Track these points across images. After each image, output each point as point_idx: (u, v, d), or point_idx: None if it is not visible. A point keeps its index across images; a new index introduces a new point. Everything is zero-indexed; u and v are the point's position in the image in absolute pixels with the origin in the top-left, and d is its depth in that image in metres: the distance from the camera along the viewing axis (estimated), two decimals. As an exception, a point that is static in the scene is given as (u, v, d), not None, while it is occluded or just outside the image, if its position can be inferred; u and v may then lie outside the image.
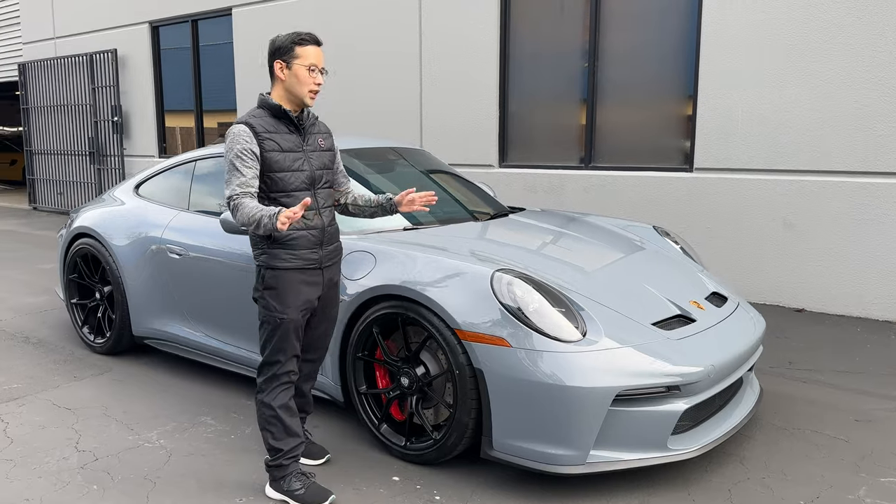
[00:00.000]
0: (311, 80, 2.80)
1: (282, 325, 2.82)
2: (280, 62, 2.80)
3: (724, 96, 5.91)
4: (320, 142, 2.96)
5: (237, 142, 2.73)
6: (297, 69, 2.78)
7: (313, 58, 2.80)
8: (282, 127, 2.84)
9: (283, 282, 2.81)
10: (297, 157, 2.85)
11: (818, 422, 3.63)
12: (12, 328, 5.44)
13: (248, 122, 2.77)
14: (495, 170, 7.31)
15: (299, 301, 2.84)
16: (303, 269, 2.84)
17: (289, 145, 2.83)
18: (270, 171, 2.78)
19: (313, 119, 2.97)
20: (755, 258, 5.92)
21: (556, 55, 6.92)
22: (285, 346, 2.84)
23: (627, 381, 2.81)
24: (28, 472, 3.19)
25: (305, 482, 2.89)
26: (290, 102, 2.84)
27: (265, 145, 2.76)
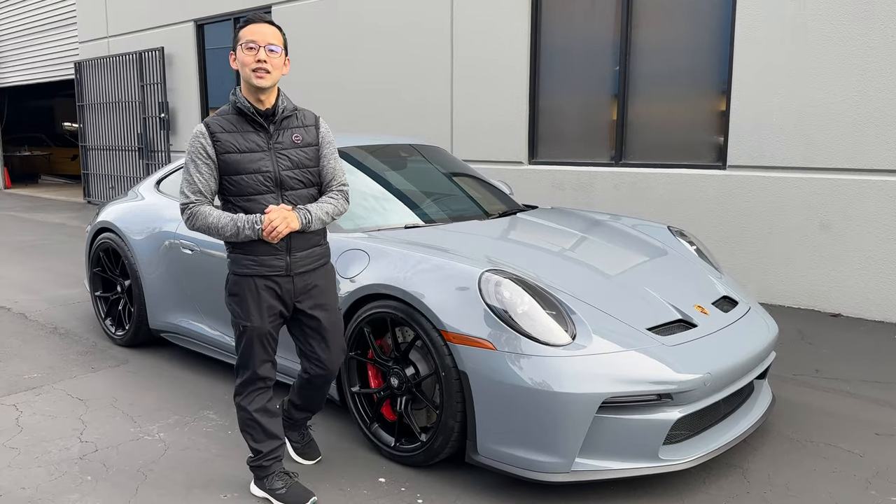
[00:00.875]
0: (252, 59, 2.59)
1: (245, 332, 2.74)
2: (232, 53, 2.70)
3: (759, 91, 5.68)
4: (295, 137, 2.75)
5: (192, 144, 2.66)
6: (239, 53, 2.64)
7: (251, 34, 2.62)
8: (245, 125, 2.68)
9: (243, 289, 2.71)
10: (259, 158, 2.67)
11: (834, 434, 3.45)
12: (44, 319, 5.61)
13: (205, 122, 2.68)
14: (525, 166, 7.20)
15: (262, 309, 2.72)
16: (266, 276, 2.71)
17: (248, 145, 2.67)
18: (226, 174, 2.66)
19: (289, 111, 2.76)
20: (789, 260, 5.68)
21: (588, 50, 6.77)
22: (252, 353, 2.77)
23: (614, 387, 2.71)
24: (29, 461, 3.27)
25: (287, 482, 2.87)
26: (252, 94, 2.67)
27: (219, 146, 2.64)
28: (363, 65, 8.51)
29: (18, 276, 7.17)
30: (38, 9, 14.87)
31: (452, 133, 7.73)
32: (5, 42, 16.26)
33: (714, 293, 3.49)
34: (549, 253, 3.53)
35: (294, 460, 3.19)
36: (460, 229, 3.77)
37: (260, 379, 2.83)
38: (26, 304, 6.03)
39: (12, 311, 5.85)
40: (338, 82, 8.87)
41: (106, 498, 2.94)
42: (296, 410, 3.12)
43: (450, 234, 3.67)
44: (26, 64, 15.67)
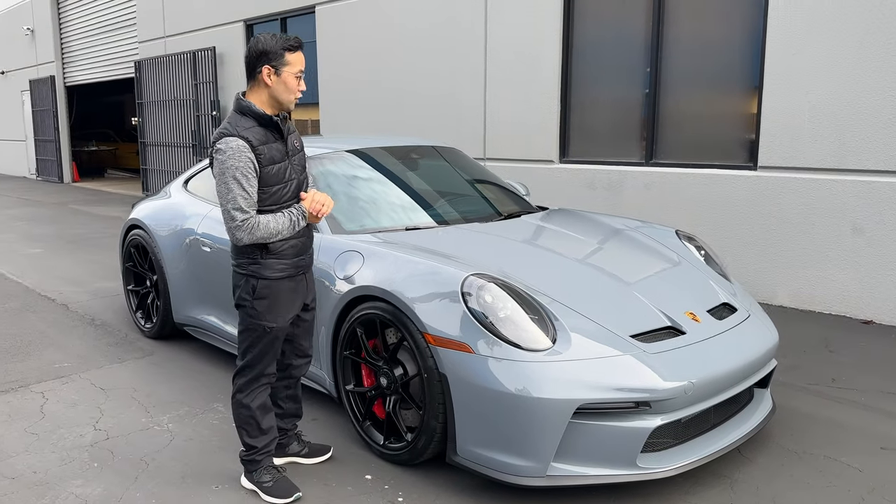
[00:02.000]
0: (298, 88, 2.73)
1: (270, 333, 2.85)
2: (269, 67, 2.67)
3: (791, 90, 5.52)
4: (296, 143, 2.90)
5: (238, 158, 2.63)
6: (286, 77, 2.68)
7: (301, 64, 2.72)
8: (269, 136, 2.74)
9: (275, 291, 2.82)
10: (286, 167, 2.78)
11: (836, 447, 3.36)
12: (83, 310, 5.89)
13: (243, 136, 2.66)
14: (555, 165, 7.17)
15: (290, 309, 2.89)
16: (292, 276, 2.87)
17: (278, 156, 2.76)
18: (266, 185, 2.72)
19: (288, 121, 2.88)
20: (820, 264, 5.51)
21: (619, 48, 6.69)
22: (269, 353, 2.90)
23: (589, 394, 2.71)
24: (45, 446, 3.47)
25: (275, 476, 2.98)
26: (272, 108, 2.75)
27: (262, 159, 2.69)
28: (399, 63, 8.60)
29: (68, 268, 7.53)
30: (102, 10, 15.49)
31: (485, 132, 7.75)
32: (73, 42, 17.01)
33: (712, 300, 3.43)
34: (542, 256, 3.54)
35: (312, 464, 3.25)
36: (460, 232, 3.81)
37: (265, 375, 2.97)
38: (70, 296, 6.34)
39: (56, 301, 6.16)
40: (375, 80, 8.98)
41: (107, 485, 3.10)
42: (283, 419, 3.21)
43: (448, 236, 3.72)
44: (91, 63, 16.36)
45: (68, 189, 16.53)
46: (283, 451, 3.25)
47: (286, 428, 3.24)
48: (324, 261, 3.53)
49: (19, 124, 19.96)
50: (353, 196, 4.03)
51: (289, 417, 3.24)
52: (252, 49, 2.73)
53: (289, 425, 3.25)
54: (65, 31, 17.35)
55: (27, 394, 4.14)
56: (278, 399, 3.18)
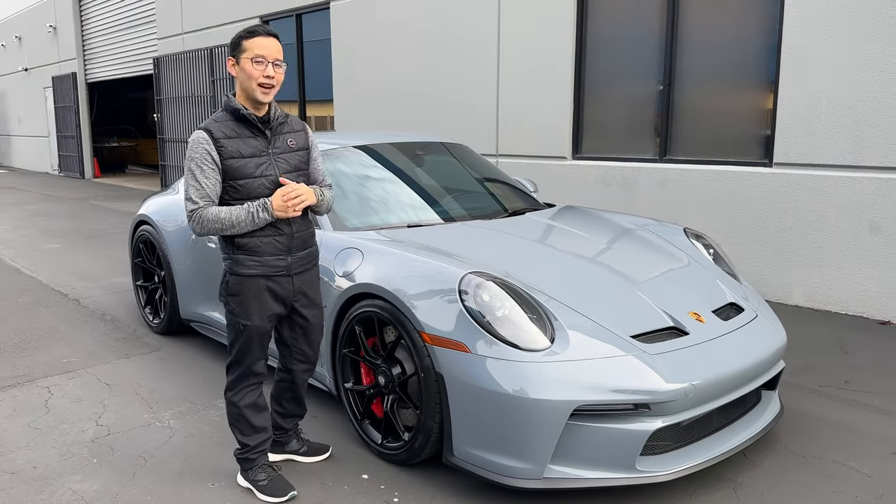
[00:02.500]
0: (259, 73, 2.65)
1: (245, 331, 2.82)
2: (231, 59, 2.72)
3: (807, 84, 5.40)
4: (290, 142, 2.86)
5: (195, 150, 2.66)
6: (244, 63, 2.67)
7: (258, 48, 2.65)
8: (244, 131, 2.74)
9: (246, 289, 2.78)
10: (262, 162, 2.75)
11: (846, 451, 3.27)
12: (95, 304, 5.92)
13: (207, 128, 2.70)
14: (568, 162, 7.09)
15: (263, 309, 2.81)
16: (269, 276, 2.80)
17: (251, 150, 2.74)
18: (232, 179, 2.71)
19: (282, 118, 2.85)
20: (837, 264, 5.39)
21: (633, 42, 6.59)
22: (249, 352, 2.86)
23: (586, 395, 2.66)
24: (47, 441, 3.48)
25: (270, 474, 2.96)
26: (251, 102, 2.74)
27: (224, 152, 2.68)
28: (412, 59, 8.56)
29: (83, 263, 7.59)
30: (122, 7, 15.62)
31: (497, 128, 7.68)
32: (94, 39, 17.17)
33: (719, 300, 3.36)
34: (544, 254, 3.48)
35: (310, 463, 3.22)
36: (463, 229, 3.77)
37: (254, 375, 2.93)
38: (83, 291, 6.38)
39: (69, 296, 6.20)
40: (388, 76, 8.95)
41: (104, 481, 3.10)
42: (284, 419, 3.18)
43: (450, 234, 3.67)
44: (112, 60, 16.51)
45: (89, 185, 16.71)
46: (281, 448, 3.23)
47: (286, 427, 3.21)
48: (325, 257, 3.49)
49: (42, 121, 20.22)
50: (357, 192, 4.00)
51: (290, 417, 3.21)
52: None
53: (289, 424, 3.22)
54: (86, 28, 17.52)
55: (33, 388, 4.16)
56: (282, 399, 3.15)
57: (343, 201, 3.86)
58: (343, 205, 3.83)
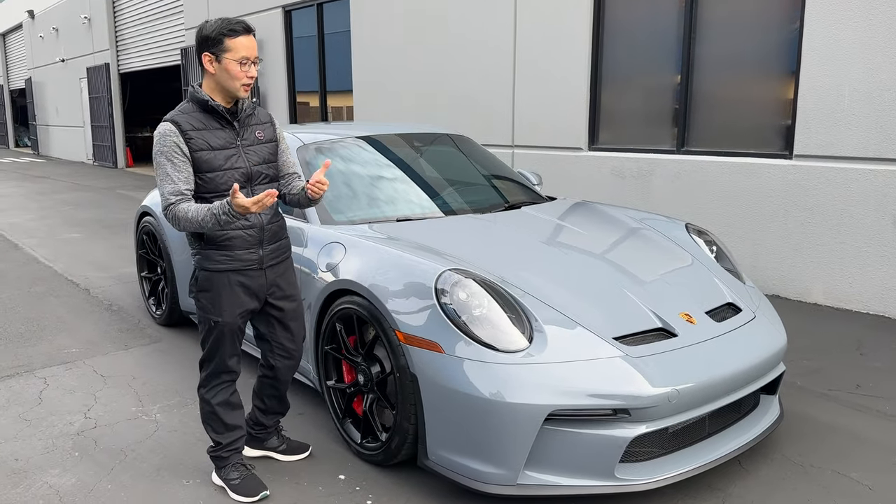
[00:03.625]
0: (244, 74, 2.60)
1: (216, 328, 2.76)
2: (208, 55, 2.60)
3: (829, 73, 5.16)
4: (258, 134, 2.79)
5: (164, 143, 2.59)
6: (227, 63, 2.58)
7: (244, 50, 2.59)
8: (212, 122, 2.67)
9: (216, 284, 2.72)
10: (231, 154, 2.69)
11: (847, 461, 3.10)
12: (103, 294, 5.96)
13: (174, 120, 2.62)
14: (584, 153, 6.92)
15: (234, 305, 2.74)
16: (240, 270, 2.73)
17: (220, 142, 2.67)
18: (200, 172, 2.64)
19: (250, 109, 2.78)
20: (859, 260, 5.16)
21: (652, 31, 6.39)
22: (220, 348, 2.80)
23: (561, 400, 2.55)
24: (34, 433, 3.49)
25: (243, 473, 2.91)
26: (221, 94, 2.67)
27: (193, 144, 2.61)
28: (430, 49, 8.44)
29: (100, 253, 7.66)
30: (152, -2, 15.78)
31: (514, 118, 7.54)
32: (126, 30, 17.38)
33: (715, 300, 3.20)
34: (532, 250, 3.35)
35: (288, 461, 3.17)
36: (452, 223, 3.66)
37: (226, 372, 2.88)
38: (94, 281, 6.43)
39: (80, 286, 6.25)
40: (406, 66, 8.85)
41: (81, 475, 3.08)
42: (265, 415, 3.13)
43: (438, 228, 3.57)
44: (143, 50, 16.69)
45: (120, 174, 16.95)
46: (260, 444, 3.18)
47: (266, 424, 3.16)
48: (311, 251, 3.44)
49: (78, 111, 20.56)
50: (348, 185, 3.91)
51: (271, 414, 3.15)
52: (196, 37, 2.66)
53: (270, 421, 3.16)
54: (119, 20, 17.74)
55: (30, 379, 4.18)
56: (263, 395, 3.09)
57: (332, 195, 3.78)
58: (332, 198, 3.76)
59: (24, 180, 15.82)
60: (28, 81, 24.81)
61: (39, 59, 23.34)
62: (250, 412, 3.17)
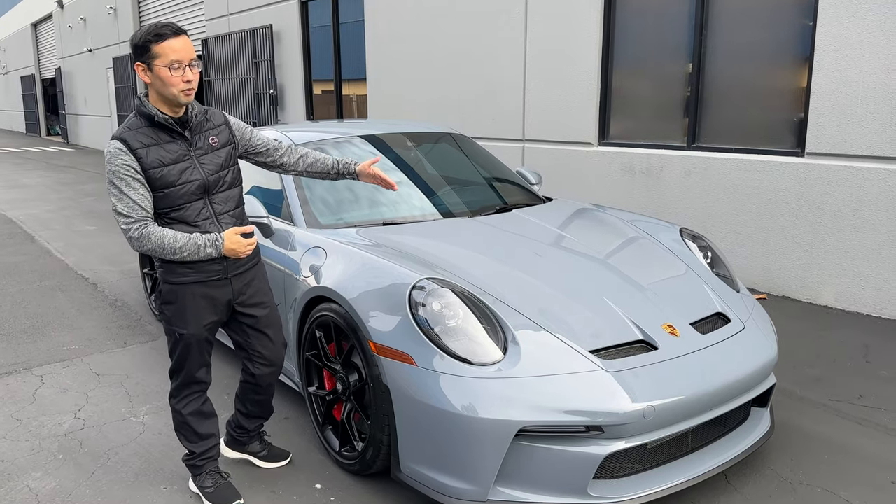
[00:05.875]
0: (179, 79, 2.46)
1: (182, 340, 2.71)
2: (140, 64, 2.47)
3: (843, 68, 4.98)
4: (211, 140, 2.66)
5: (114, 162, 2.48)
6: (158, 70, 2.45)
7: (174, 53, 2.44)
8: (162, 136, 2.55)
9: (180, 297, 2.66)
10: (186, 167, 2.57)
11: (840, 478, 2.99)
12: (110, 290, 6.01)
13: (122, 138, 2.50)
14: (593, 148, 6.80)
15: (199, 318, 2.69)
16: (203, 281, 2.66)
17: (172, 156, 2.55)
18: (154, 189, 2.54)
19: (201, 115, 2.65)
20: (872, 262, 5.00)
21: (663, 24, 6.23)
22: (187, 360, 2.76)
23: (533, 415, 2.48)
24: (23, 434, 3.52)
25: (218, 481, 2.89)
26: (166, 104, 2.54)
27: (144, 162, 2.49)
28: (442, 42, 8.35)
29: (112, 246, 7.74)
30: (174, -12, 15.85)
31: (524, 112, 7.43)
32: (150, 20, 17.48)
33: (704, 310, 3.10)
34: (516, 256, 3.26)
35: (266, 468, 3.15)
36: (438, 228, 3.59)
37: (196, 383, 2.84)
38: (102, 275, 6.49)
39: (88, 280, 6.32)
40: (419, 58, 8.77)
41: (62, 479, 3.09)
42: (247, 419, 3.08)
43: (424, 233, 3.51)
44: (166, 41, 16.76)
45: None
46: (241, 447, 3.17)
47: (248, 427, 3.13)
48: (296, 254, 3.40)
49: (105, 100, 20.80)
50: (336, 187, 3.87)
51: (253, 418, 3.11)
52: (130, 46, 2.56)
53: (251, 425, 3.13)
54: (143, 10, 17.87)
55: (27, 377, 4.22)
56: (245, 400, 3.04)
57: (321, 197, 3.74)
58: (320, 201, 3.72)
59: (49, 170, 16.06)
60: (58, 71, 25.17)
61: (68, 48, 23.65)
62: (233, 415, 3.15)
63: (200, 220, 2.63)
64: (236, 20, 12.99)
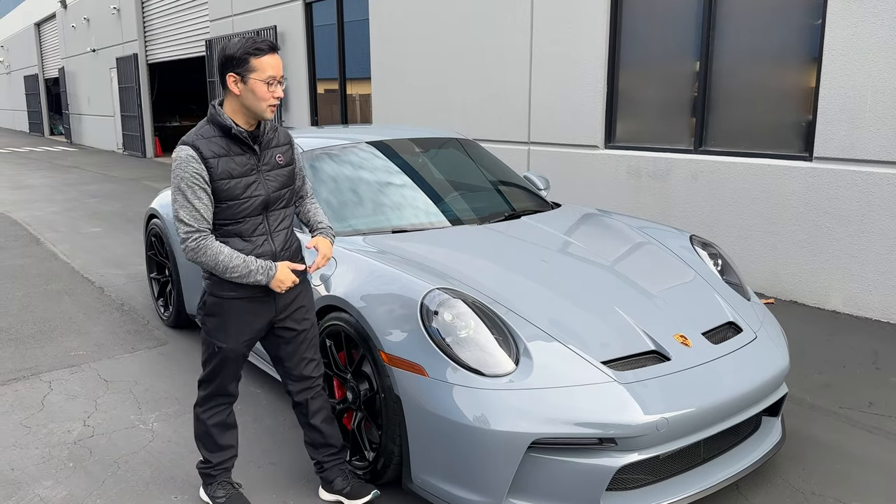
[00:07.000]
0: (270, 95, 2.50)
1: (219, 353, 2.69)
2: (234, 75, 2.48)
3: (852, 71, 4.96)
4: (278, 158, 2.67)
5: (184, 169, 2.48)
6: (253, 84, 2.47)
7: (271, 69, 2.48)
8: (234, 147, 2.55)
9: (225, 311, 2.64)
10: (252, 181, 2.57)
11: (852, 488, 2.99)
12: (117, 294, 6.01)
13: (194, 145, 2.50)
14: (599, 151, 6.79)
15: (241, 332, 2.67)
16: (249, 298, 2.64)
17: (241, 169, 2.55)
18: (218, 200, 2.54)
19: (272, 133, 2.67)
20: (881, 268, 4.98)
21: (670, 26, 6.22)
22: (221, 372, 2.74)
23: (545, 427, 2.48)
24: (32, 441, 3.52)
25: (229, 492, 2.89)
26: (244, 117, 2.55)
27: (214, 173, 2.50)
28: (448, 43, 8.34)
29: (118, 248, 7.74)
30: (178, -11, 15.85)
31: (530, 115, 7.42)
32: (153, 21, 17.50)
33: (715, 319, 3.10)
34: (524, 266, 3.25)
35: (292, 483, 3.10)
36: (447, 235, 3.59)
37: (225, 395, 2.82)
38: (109, 279, 6.49)
39: (95, 284, 6.32)
40: (424, 59, 8.76)
41: (73, 488, 3.09)
42: (313, 449, 2.94)
43: (433, 241, 3.50)
44: (170, 41, 16.81)
45: (148, 164, 17.13)
46: (329, 486, 2.95)
47: (319, 459, 2.93)
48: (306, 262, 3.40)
49: (108, 100, 20.82)
50: (344, 193, 3.86)
51: (319, 448, 2.92)
52: (219, 55, 2.54)
53: (321, 456, 2.93)
54: (146, 11, 17.87)
55: (36, 383, 4.22)
56: (302, 425, 2.93)
57: (330, 205, 3.74)
58: (329, 209, 3.71)
59: (53, 170, 16.08)
60: (61, 71, 25.19)
61: (72, 48, 23.66)
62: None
63: (256, 235, 2.63)
64: (240, 21, 12.99)
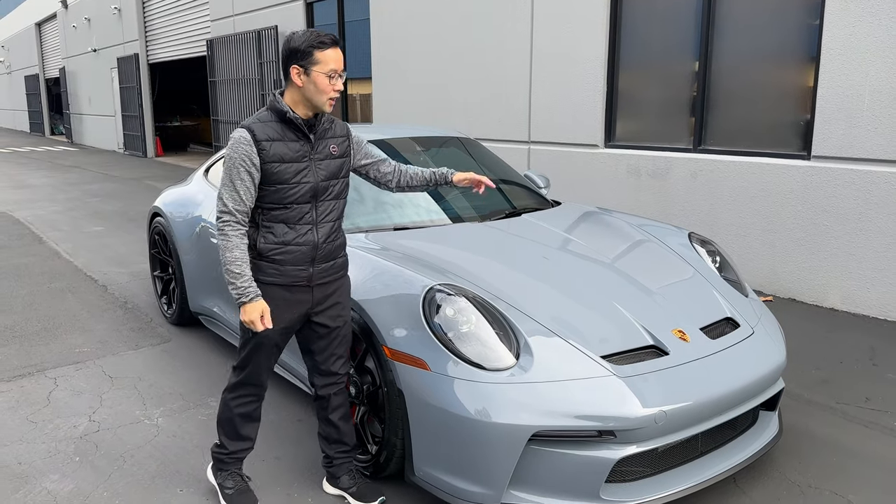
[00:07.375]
0: (331, 88, 2.54)
1: (254, 338, 2.72)
2: (297, 67, 2.53)
3: (850, 70, 5.01)
4: (332, 149, 2.70)
5: (235, 149, 2.55)
6: (316, 76, 2.52)
7: (334, 63, 2.53)
8: (289, 133, 2.60)
9: (262, 295, 2.65)
10: (302, 168, 2.62)
11: (847, 481, 3.03)
12: (120, 292, 6.05)
13: (249, 128, 2.56)
14: (599, 150, 6.83)
15: (276, 318, 2.68)
16: (288, 286, 2.68)
17: (293, 155, 2.60)
18: (267, 183, 2.58)
19: (328, 123, 2.71)
20: (878, 265, 5.03)
21: (670, 25, 6.26)
22: (255, 360, 2.76)
23: (544, 420, 2.52)
24: (39, 436, 3.56)
25: (238, 484, 2.92)
26: (303, 107, 2.60)
27: (265, 155, 2.55)
28: (448, 43, 8.39)
29: (120, 247, 7.79)
30: (179, -11, 15.90)
31: (530, 114, 7.46)
32: (154, 21, 17.55)
33: (713, 315, 3.14)
34: (525, 263, 3.30)
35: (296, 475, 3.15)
36: (448, 233, 3.63)
37: (255, 385, 2.84)
38: (112, 277, 6.53)
39: (98, 282, 6.36)
40: (424, 59, 8.81)
41: (79, 481, 3.14)
42: (326, 444, 2.97)
43: (434, 238, 3.54)
44: (170, 41, 16.86)
45: (149, 164, 17.18)
46: (335, 481, 3.00)
47: (330, 454, 2.97)
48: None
49: (109, 100, 20.88)
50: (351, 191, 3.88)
51: (333, 443, 2.96)
52: (283, 47, 2.60)
53: (332, 451, 2.96)
54: (147, 11, 17.92)
55: (41, 379, 4.27)
56: (320, 419, 2.97)
57: (332, 201, 3.78)
58: (332, 205, 3.76)
59: (55, 170, 16.13)
60: (62, 71, 25.25)
61: (73, 48, 23.72)
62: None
63: (301, 224, 2.66)
64: (241, 21, 13.04)
